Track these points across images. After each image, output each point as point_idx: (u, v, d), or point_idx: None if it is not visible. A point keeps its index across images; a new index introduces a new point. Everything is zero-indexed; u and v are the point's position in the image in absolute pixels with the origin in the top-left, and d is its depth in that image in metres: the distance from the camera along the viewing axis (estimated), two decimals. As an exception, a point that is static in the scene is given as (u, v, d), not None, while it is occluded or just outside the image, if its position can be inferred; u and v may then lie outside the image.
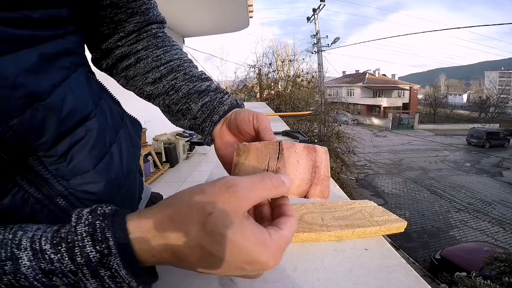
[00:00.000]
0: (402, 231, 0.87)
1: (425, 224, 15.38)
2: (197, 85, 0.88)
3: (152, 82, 0.89)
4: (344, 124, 14.87)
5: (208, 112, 0.83)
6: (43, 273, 0.42)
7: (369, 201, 1.00)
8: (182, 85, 0.87)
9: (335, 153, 13.04)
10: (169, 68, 0.90)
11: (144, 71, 0.90)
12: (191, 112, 0.86)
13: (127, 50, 0.91)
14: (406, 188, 20.37)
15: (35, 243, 0.44)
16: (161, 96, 0.90)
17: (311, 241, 0.82)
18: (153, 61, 0.90)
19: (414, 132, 43.13)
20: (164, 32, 0.98)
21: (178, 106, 0.88)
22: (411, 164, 25.82)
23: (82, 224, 0.44)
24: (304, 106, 13.77)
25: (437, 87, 72.49)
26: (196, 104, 0.85)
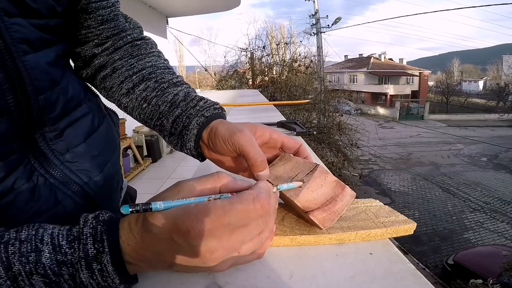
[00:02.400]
0: (411, 234, 0.86)
1: (436, 226, 15.43)
2: (166, 93, 0.95)
3: (126, 93, 0.98)
4: (346, 114, 14.87)
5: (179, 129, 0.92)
6: (57, 263, 0.55)
7: (374, 200, 0.98)
8: (153, 96, 0.95)
9: (336, 147, 13.03)
10: (140, 76, 0.97)
11: (119, 82, 0.98)
12: (165, 129, 0.94)
13: (105, 60, 1.00)
14: (416, 186, 20.43)
15: (55, 239, 0.57)
16: (136, 110, 0.98)
17: (310, 245, 0.81)
18: (127, 70, 0.98)
19: (424, 123, 43.18)
20: (143, 40, 1.07)
21: (153, 121, 0.96)
22: (421, 159, 25.89)
23: (88, 227, 0.58)
24: (302, 94, 13.72)
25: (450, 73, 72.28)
26: (168, 119, 0.93)
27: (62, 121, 0.79)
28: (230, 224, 0.56)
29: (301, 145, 0.91)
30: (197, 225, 0.53)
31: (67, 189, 0.77)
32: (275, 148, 0.93)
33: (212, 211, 0.55)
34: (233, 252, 0.59)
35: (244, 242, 0.60)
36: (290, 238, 0.79)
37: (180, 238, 0.54)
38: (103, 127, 0.93)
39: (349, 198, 0.80)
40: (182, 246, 0.55)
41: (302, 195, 0.75)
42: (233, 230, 0.57)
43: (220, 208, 0.55)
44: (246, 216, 0.57)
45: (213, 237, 0.55)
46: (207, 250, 0.55)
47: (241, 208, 0.57)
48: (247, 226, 0.59)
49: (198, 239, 0.54)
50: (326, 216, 0.76)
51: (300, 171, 0.81)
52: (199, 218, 0.54)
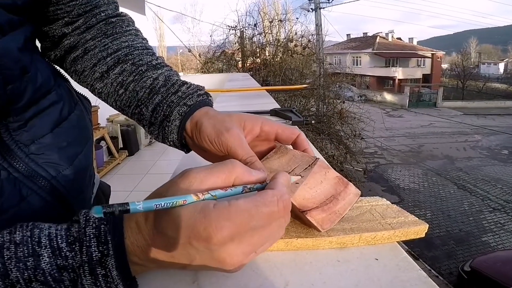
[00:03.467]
0: (422, 237, 0.86)
1: (451, 228, 15.47)
2: (144, 77, 0.94)
3: (100, 77, 0.97)
4: (348, 100, 14.86)
5: (160, 118, 0.92)
6: (57, 268, 0.54)
7: (381, 198, 0.98)
8: (130, 81, 0.94)
9: (337, 138, 13.02)
10: (115, 58, 0.96)
11: (91, 64, 0.97)
12: (144, 118, 0.94)
13: (76, 40, 0.98)
14: (427, 182, 20.48)
15: (53, 241, 0.56)
16: (112, 96, 0.97)
17: (307, 249, 0.81)
18: (100, 51, 0.97)
19: (437, 111, 43.26)
20: (119, 16, 1.04)
21: (131, 109, 0.96)
22: (434, 152, 25.96)
23: (91, 227, 0.56)
24: (298, 78, 13.65)
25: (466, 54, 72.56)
26: (147, 108, 0.92)
27: (29, 111, 0.78)
28: (253, 228, 0.57)
29: (299, 136, 0.90)
30: (220, 231, 0.54)
31: (32, 184, 0.76)
32: (268, 140, 0.92)
33: (236, 215, 0.55)
34: (251, 254, 0.60)
35: (263, 243, 0.61)
36: (285, 242, 0.78)
37: (200, 244, 0.55)
38: (74, 115, 0.92)
39: (353, 197, 0.79)
40: (201, 251, 0.56)
41: (299, 192, 0.75)
42: (255, 233, 0.58)
43: (245, 211, 0.56)
44: (270, 219, 0.59)
45: (235, 242, 0.56)
46: (227, 256, 0.56)
47: (266, 211, 0.57)
48: (268, 228, 0.60)
49: (219, 246, 0.55)
50: (326, 216, 0.75)
51: (298, 165, 0.81)
52: (222, 224, 0.54)
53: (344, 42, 64.65)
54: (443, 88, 51.28)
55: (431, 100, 48.55)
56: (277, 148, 0.91)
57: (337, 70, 16.86)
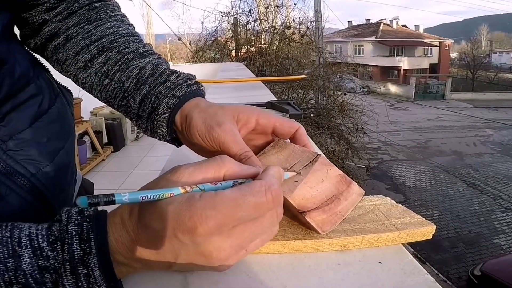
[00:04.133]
0: (429, 238, 0.85)
1: (460, 229, 15.50)
2: (131, 66, 0.94)
3: (83, 66, 0.96)
4: (350, 92, 14.85)
5: (148, 110, 0.91)
6: (39, 269, 0.54)
7: (385, 197, 0.98)
8: (116, 70, 0.94)
9: (338, 132, 13.01)
10: (100, 46, 0.95)
11: (74, 53, 0.96)
12: (132, 110, 0.93)
13: (57, 27, 0.97)
14: (435, 180, 20.53)
15: (33, 241, 0.56)
16: (96, 87, 0.96)
17: (306, 252, 0.81)
18: (83, 39, 0.96)
19: (445, 104, 43.35)
20: (103, 1, 1.03)
21: (117, 100, 0.95)
22: (441, 147, 26.00)
23: (73, 224, 0.56)
24: (296, 68, 13.58)
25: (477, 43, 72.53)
26: (134, 99, 0.91)
27: (6, 105, 0.78)
28: (241, 220, 0.57)
29: (298, 129, 0.89)
30: (205, 221, 0.53)
31: (11, 183, 0.76)
32: (265, 134, 0.92)
33: (222, 204, 0.55)
34: (241, 250, 0.60)
35: (253, 239, 0.61)
36: (282, 244, 0.78)
37: (185, 236, 0.54)
38: (54, 108, 0.92)
39: (356, 197, 0.79)
40: (186, 244, 0.56)
41: (298, 191, 0.74)
42: (244, 226, 0.58)
43: (231, 200, 0.56)
44: (258, 210, 0.58)
45: (222, 235, 0.56)
46: (214, 249, 0.56)
47: (253, 201, 0.57)
48: (258, 221, 0.60)
49: (205, 237, 0.55)
50: (326, 218, 0.74)
51: (297, 161, 0.80)
52: (207, 214, 0.54)
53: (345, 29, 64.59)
54: (452, 79, 51.36)
55: (438, 92, 48.66)
56: (275, 142, 0.90)
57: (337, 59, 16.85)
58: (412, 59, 56.96)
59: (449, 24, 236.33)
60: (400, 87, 50.75)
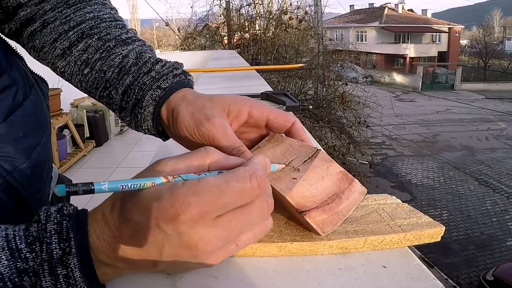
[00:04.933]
0: (437, 241, 0.85)
1: (471, 230, 15.50)
2: (113, 54, 0.93)
3: (62, 54, 0.95)
4: (352, 82, 14.83)
5: (132, 102, 0.90)
6: (17, 272, 0.54)
7: (390, 196, 0.97)
8: (97, 59, 0.93)
9: (339, 126, 13.00)
10: (79, 32, 0.94)
11: (51, 39, 0.95)
12: (114, 102, 0.93)
13: (33, 11, 0.95)
14: (444, 177, 20.55)
15: (11, 242, 0.55)
16: (76, 76, 0.95)
17: (304, 255, 0.80)
18: (61, 24, 0.95)
19: (455, 95, 43.35)
20: None
21: (99, 91, 0.94)
22: (451, 142, 26.00)
23: (52, 223, 0.56)
24: (294, 57, 13.57)
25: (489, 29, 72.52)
26: (117, 90, 0.91)
27: None
28: (225, 207, 0.56)
29: (294, 123, 0.88)
30: (187, 208, 0.53)
31: None
32: (258, 127, 0.91)
33: (205, 191, 0.55)
34: (229, 243, 0.60)
35: (243, 231, 0.61)
36: (278, 246, 0.77)
37: (168, 225, 0.54)
38: (29, 101, 0.90)
39: (358, 196, 0.78)
40: (169, 235, 0.55)
41: (296, 189, 0.74)
42: (231, 216, 0.58)
43: (214, 187, 0.55)
44: (243, 197, 0.58)
45: (207, 224, 0.56)
46: (199, 240, 0.56)
47: (238, 186, 0.57)
48: (246, 211, 0.59)
49: (188, 225, 0.54)
50: (327, 218, 0.74)
51: (295, 157, 0.80)
52: (190, 200, 0.54)
53: (346, 14, 64.60)
54: (462, 67, 51.34)
55: (448, 82, 48.64)
56: (271, 136, 0.90)
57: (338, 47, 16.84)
58: (419, 47, 56.96)
59: (459, 9, 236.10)
60: (406, 76, 50.76)
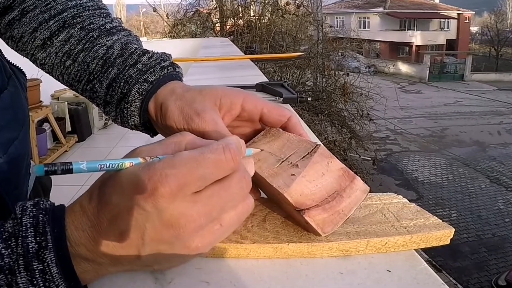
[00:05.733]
0: (446, 243, 0.84)
1: (482, 232, 15.49)
2: (96, 45, 0.92)
3: (42, 45, 0.94)
4: (354, 72, 14.83)
5: (117, 97, 0.90)
6: None
7: (395, 195, 0.96)
8: (79, 50, 0.92)
9: (340, 119, 13.00)
10: (60, 21, 0.94)
11: (31, 29, 0.94)
12: (98, 96, 0.93)
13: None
14: (452, 175, 20.54)
15: None
16: (57, 68, 0.95)
17: (302, 257, 0.80)
18: (41, 13, 0.94)
19: (465, 86, 43.33)
20: None
21: (82, 84, 0.94)
22: (460, 136, 26.00)
23: (27, 216, 0.57)
24: (291, 45, 13.54)
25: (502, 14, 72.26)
26: (101, 83, 0.91)
27: None
28: (203, 178, 0.57)
29: (290, 118, 0.88)
30: (165, 180, 0.54)
31: None
32: (252, 121, 0.91)
33: (182, 163, 0.56)
34: (213, 222, 0.60)
35: (225, 209, 0.61)
36: (273, 247, 0.77)
37: (147, 201, 0.54)
38: (7, 93, 0.89)
39: (360, 194, 0.78)
40: (149, 213, 0.55)
41: (295, 186, 0.73)
42: (211, 191, 0.58)
43: (190, 158, 0.57)
44: (219, 168, 0.59)
45: (186, 198, 0.56)
46: (180, 215, 0.56)
47: (212, 157, 0.58)
48: (225, 185, 0.60)
49: (168, 199, 0.54)
50: (327, 217, 0.73)
51: (293, 152, 0.80)
52: (167, 172, 0.54)
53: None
54: (472, 56, 51.24)
55: (457, 72, 48.63)
56: (267, 130, 0.89)
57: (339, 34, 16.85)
58: (426, 34, 56.97)
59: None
60: (412, 66, 50.76)
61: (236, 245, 0.76)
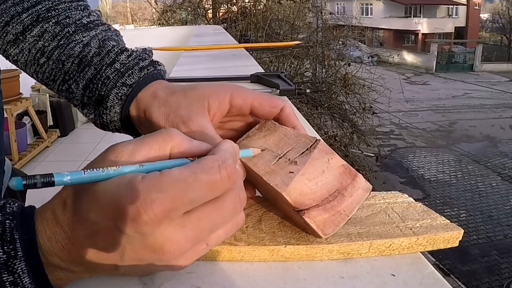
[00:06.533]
0: (455, 246, 0.83)
1: (493, 233, 15.47)
2: (72, 42, 0.91)
3: (14, 40, 0.93)
4: (356, 62, 14.80)
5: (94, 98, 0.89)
6: None
7: (401, 194, 0.95)
8: (54, 47, 0.91)
9: (341, 112, 12.99)
10: (34, 15, 0.93)
11: (2, 23, 0.93)
12: (75, 97, 0.92)
13: None
14: (461, 172, 20.53)
15: None
16: (31, 66, 0.94)
17: (300, 260, 0.79)
18: (13, 5, 0.93)
19: (475, 76, 43.30)
20: None
21: (57, 84, 0.93)
22: (470, 131, 25.99)
23: None
24: (289, 33, 13.51)
25: (513, 0, 72.55)
26: (77, 84, 0.89)
27: None
28: (193, 202, 0.55)
29: (283, 109, 0.87)
30: (149, 206, 0.51)
31: None
32: (243, 115, 0.90)
33: (170, 185, 0.53)
34: (199, 243, 0.59)
35: (213, 230, 0.60)
36: (269, 250, 0.76)
37: (128, 226, 0.52)
38: None
39: (362, 193, 0.77)
40: (131, 237, 0.54)
41: (294, 184, 0.72)
42: (201, 213, 0.57)
43: (180, 180, 0.54)
44: (212, 190, 0.57)
45: (173, 223, 0.54)
46: (165, 241, 0.55)
47: (206, 179, 0.55)
48: (217, 206, 0.58)
49: (152, 226, 0.53)
50: (328, 218, 0.72)
51: (291, 147, 0.78)
52: (152, 197, 0.52)
53: (350, -17, 64.57)
54: (483, 45, 51.20)
55: (466, 62, 48.60)
56: (262, 124, 0.88)
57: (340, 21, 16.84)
58: (433, 21, 56.93)
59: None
60: (418, 56, 50.73)
61: (229, 247, 0.75)
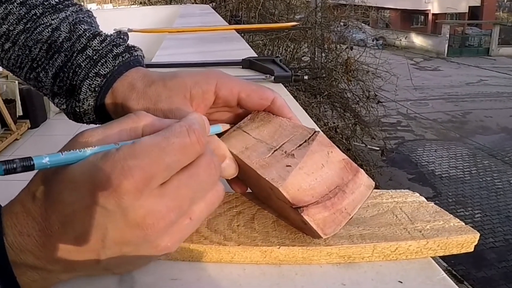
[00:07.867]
0: (469, 250, 0.82)
1: (511, 235, 15.43)
2: (40, 25, 0.91)
3: None
4: (359, 46, 14.78)
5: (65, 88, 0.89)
6: None
7: (411, 193, 0.94)
8: (20, 31, 0.91)
9: (342, 101, 12.95)
10: None
11: None
12: (44, 86, 0.92)
13: None
14: (476, 167, 20.49)
15: None
16: None
17: (296, 263, 0.79)
18: None
19: (491, 61, 43.14)
20: None
21: (24, 72, 0.92)
22: (485, 122, 25.93)
23: None
24: (284, 13, 13.39)
25: (534, -23, 72.40)
26: (46, 72, 0.89)
27: None
28: (169, 168, 0.57)
29: (274, 101, 0.86)
30: (129, 173, 0.53)
31: None
32: (229, 106, 0.90)
33: (145, 151, 0.55)
34: (182, 216, 0.60)
35: (194, 200, 0.61)
36: (262, 251, 0.76)
37: (108, 198, 0.53)
38: None
39: (364, 190, 0.76)
40: (111, 213, 0.54)
41: (291, 179, 0.71)
42: (178, 181, 0.58)
43: (154, 145, 0.56)
44: (186, 154, 0.59)
45: (153, 193, 0.55)
46: (147, 213, 0.55)
47: (178, 142, 0.58)
48: (193, 173, 0.60)
49: (133, 196, 0.53)
50: (329, 216, 0.71)
51: (287, 139, 0.78)
52: (130, 164, 0.53)
53: (352, -42, 64.29)
54: (500, 27, 51.08)
55: (481, 45, 48.46)
56: (254, 114, 0.88)
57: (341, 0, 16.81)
58: (444, 0, 56.90)
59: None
60: (428, 38, 50.62)
61: (218, 247, 0.74)
